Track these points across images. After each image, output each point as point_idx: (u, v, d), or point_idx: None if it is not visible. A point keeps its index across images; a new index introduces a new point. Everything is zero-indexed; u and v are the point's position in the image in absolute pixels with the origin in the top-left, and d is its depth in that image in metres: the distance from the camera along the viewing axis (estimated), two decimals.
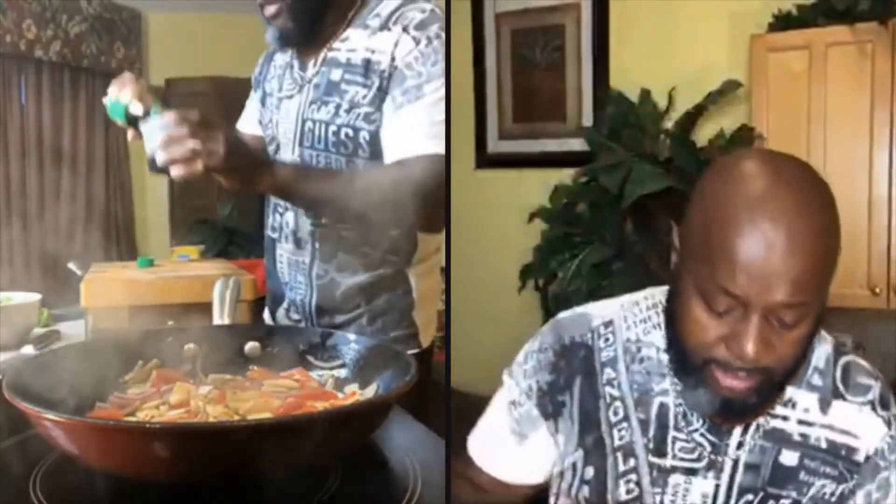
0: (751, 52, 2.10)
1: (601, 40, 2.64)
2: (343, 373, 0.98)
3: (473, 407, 0.94)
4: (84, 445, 0.71)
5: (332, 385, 0.96)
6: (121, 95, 1.22)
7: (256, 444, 0.68)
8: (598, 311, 0.89)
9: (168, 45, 4.61)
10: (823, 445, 0.82)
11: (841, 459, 0.83)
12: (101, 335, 1.23)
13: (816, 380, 0.84)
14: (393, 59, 1.24)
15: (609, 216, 2.22)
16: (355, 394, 0.92)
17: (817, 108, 1.99)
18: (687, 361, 0.77)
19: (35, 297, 1.67)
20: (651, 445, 0.83)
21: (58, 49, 4.06)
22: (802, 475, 0.82)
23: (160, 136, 1.09)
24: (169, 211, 4.58)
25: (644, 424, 0.83)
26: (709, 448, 0.82)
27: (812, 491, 0.82)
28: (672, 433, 0.83)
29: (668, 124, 2.29)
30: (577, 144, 2.59)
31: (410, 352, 1.34)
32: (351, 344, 1.01)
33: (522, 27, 2.84)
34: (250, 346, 1.03)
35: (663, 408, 0.83)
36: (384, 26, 1.27)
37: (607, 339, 0.87)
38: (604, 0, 2.62)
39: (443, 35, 1.25)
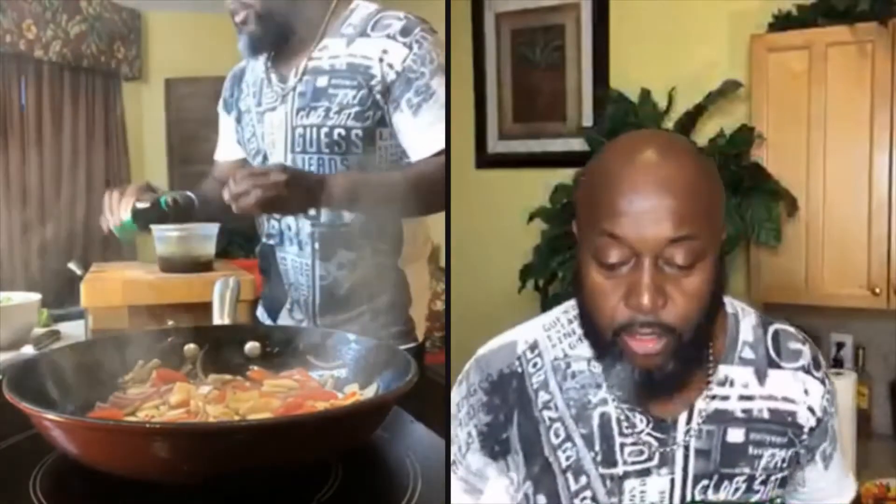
0: (751, 52, 2.10)
1: (601, 40, 2.64)
2: (343, 373, 0.98)
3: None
4: (84, 445, 0.71)
5: (332, 385, 0.96)
6: (122, 216, 1.37)
7: (256, 444, 0.68)
8: (521, 335, 0.87)
9: (168, 45, 4.61)
10: (766, 416, 0.84)
11: (787, 426, 0.84)
12: (101, 335, 1.23)
13: (748, 353, 0.85)
14: (390, 65, 1.31)
15: None
16: (355, 394, 0.92)
17: (817, 109, 1.98)
18: (600, 341, 0.78)
19: (35, 297, 1.68)
20: (599, 458, 0.82)
21: (58, 49, 4.06)
22: (751, 449, 0.83)
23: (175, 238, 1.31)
24: None
25: (588, 439, 0.82)
26: (656, 445, 0.82)
27: (763, 462, 0.83)
28: (619, 440, 0.82)
29: (669, 124, 2.28)
30: (577, 144, 2.59)
31: (407, 346, 1.40)
32: (351, 344, 1.01)
33: (522, 27, 2.83)
34: (250, 346, 1.03)
35: (605, 417, 0.82)
36: (362, 33, 1.34)
37: (535, 364, 0.85)
38: (604, 0, 2.62)
39: (428, 37, 1.32)
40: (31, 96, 4.11)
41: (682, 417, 0.82)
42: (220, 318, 1.12)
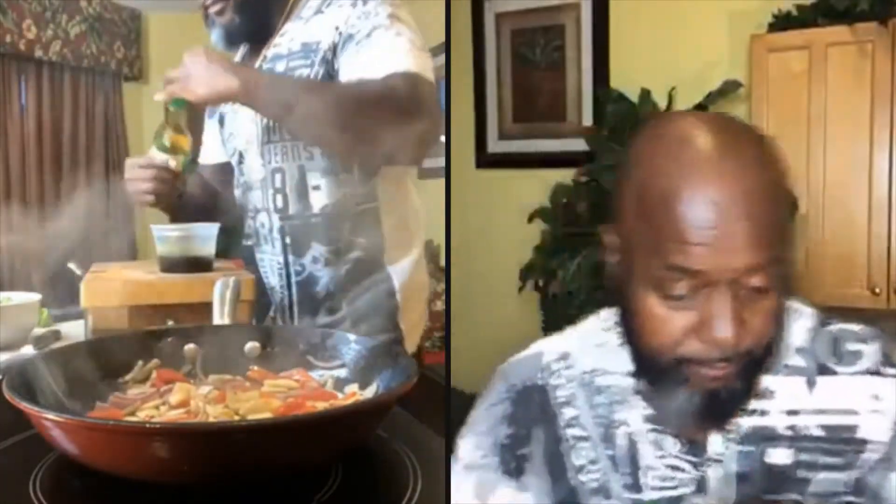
0: (751, 52, 2.11)
1: (601, 40, 2.64)
2: (343, 373, 0.98)
3: (473, 406, 0.94)
4: (84, 445, 0.71)
5: (332, 385, 0.96)
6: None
7: (256, 444, 0.68)
8: (550, 345, 0.82)
9: (168, 45, 4.61)
10: (817, 433, 0.73)
11: (844, 443, 0.72)
12: (101, 335, 1.23)
13: (797, 361, 0.74)
14: (336, 28, 1.25)
15: (609, 216, 2.23)
16: (355, 394, 0.92)
17: (817, 109, 1.99)
18: (653, 367, 0.69)
19: (35, 297, 1.67)
20: (627, 482, 0.75)
21: (58, 49, 4.06)
22: (799, 472, 0.72)
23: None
24: None
25: (614, 461, 0.76)
26: (688, 469, 0.74)
27: (813, 487, 0.72)
28: (644, 463, 0.75)
29: None
30: (577, 144, 2.59)
31: None
32: (351, 344, 1.00)
33: (522, 27, 2.84)
34: (250, 346, 1.03)
35: (631, 437, 0.76)
36: (318, 11, 1.30)
37: (563, 376, 0.79)
38: (604, 0, 2.62)
39: None
40: (31, 96, 4.11)
41: (715, 437, 0.74)
42: (220, 318, 1.12)
